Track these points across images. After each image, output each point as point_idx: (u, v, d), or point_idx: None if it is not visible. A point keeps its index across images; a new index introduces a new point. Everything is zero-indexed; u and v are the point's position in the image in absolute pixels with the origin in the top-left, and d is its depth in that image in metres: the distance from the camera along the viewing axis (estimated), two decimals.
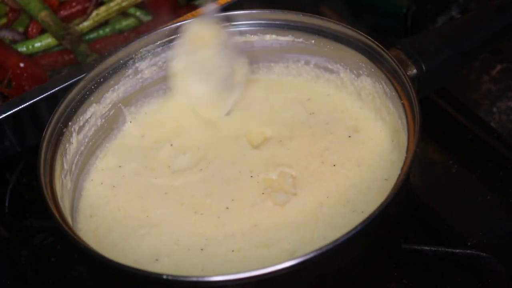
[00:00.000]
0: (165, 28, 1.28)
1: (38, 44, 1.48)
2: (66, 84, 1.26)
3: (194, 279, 0.96)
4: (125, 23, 1.52)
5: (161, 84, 1.30)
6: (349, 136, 1.21)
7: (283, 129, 1.24)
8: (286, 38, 1.28)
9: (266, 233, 1.10)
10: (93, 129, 1.23)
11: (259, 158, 1.20)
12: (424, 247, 1.15)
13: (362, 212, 1.10)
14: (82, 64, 1.42)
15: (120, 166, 1.23)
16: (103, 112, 1.24)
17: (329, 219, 1.10)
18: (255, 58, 1.31)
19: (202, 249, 1.09)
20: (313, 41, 1.26)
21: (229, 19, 1.27)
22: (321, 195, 1.13)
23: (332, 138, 1.21)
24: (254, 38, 1.29)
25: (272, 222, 1.11)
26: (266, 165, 1.19)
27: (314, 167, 1.17)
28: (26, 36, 1.51)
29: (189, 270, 1.06)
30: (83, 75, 1.23)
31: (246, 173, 1.18)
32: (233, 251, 1.08)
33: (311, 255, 0.94)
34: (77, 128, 1.20)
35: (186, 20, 1.28)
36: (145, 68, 1.27)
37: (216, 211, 1.14)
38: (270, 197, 1.14)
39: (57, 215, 1.04)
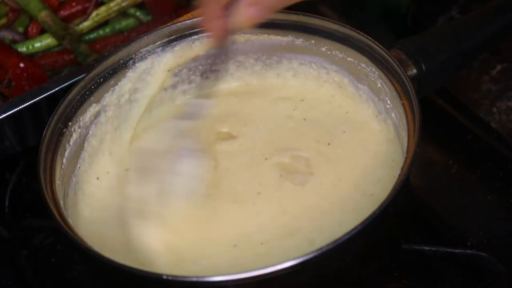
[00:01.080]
0: (165, 28, 1.28)
1: (38, 44, 1.48)
2: (66, 84, 1.26)
3: (194, 279, 0.96)
4: (125, 23, 1.52)
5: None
6: (344, 132, 1.21)
7: (265, 121, 1.25)
8: (286, 38, 1.28)
9: (291, 220, 1.10)
10: (95, 128, 1.23)
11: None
12: (424, 247, 1.15)
13: (372, 195, 1.11)
14: (82, 64, 1.42)
15: (127, 170, 1.22)
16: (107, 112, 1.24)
17: (343, 203, 1.11)
18: (255, 58, 1.32)
19: (235, 245, 1.09)
20: (313, 41, 1.26)
21: None
22: (334, 179, 1.15)
23: (324, 132, 1.22)
24: (254, 38, 1.29)
25: (298, 206, 1.12)
26: (276, 149, 1.20)
27: (316, 154, 1.18)
28: (26, 36, 1.51)
29: (222, 268, 1.06)
30: (83, 75, 1.23)
31: (259, 156, 1.19)
32: (261, 243, 1.08)
33: (311, 255, 0.94)
34: (77, 128, 1.20)
35: (186, 20, 1.28)
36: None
37: (250, 198, 1.14)
38: (288, 179, 1.15)
39: (57, 215, 1.04)
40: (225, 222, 1.12)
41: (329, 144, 1.20)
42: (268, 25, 1.26)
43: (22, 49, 1.48)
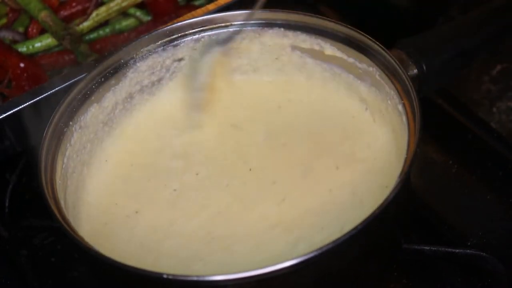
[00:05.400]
0: (165, 28, 1.28)
1: (38, 44, 1.48)
2: (66, 84, 1.27)
3: (195, 278, 0.96)
4: (125, 23, 1.52)
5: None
6: (344, 131, 1.21)
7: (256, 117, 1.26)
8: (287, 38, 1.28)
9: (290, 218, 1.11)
10: (96, 128, 1.23)
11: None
12: (424, 247, 1.15)
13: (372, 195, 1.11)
14: (82, 64, 1.42)
15: (132, 165, 1.22)
16: (106, 111, 1.24)
17: (342, 204, 1.11)
18: (254, 58, 1.32)
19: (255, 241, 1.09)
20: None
21: (229, 19, 1.27)
22: (333, 178, 1.15)
23: (321, 132, 1.22)
24: (254, 38, 1.29)
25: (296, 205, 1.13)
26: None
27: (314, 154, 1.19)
28: (26, 36, 1.51)
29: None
30: (83, 75, 1.23)
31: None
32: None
33: (311, 255, 0.94)
34: (78, 128, 1.20)
35: (186, 20, 1.28)
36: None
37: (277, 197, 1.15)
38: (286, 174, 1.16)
39: (57, 215, 1.04)
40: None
41: (328, 144, 1.20)
42: (268, 25, 1.27)
43: (22, 49, 1.48)
